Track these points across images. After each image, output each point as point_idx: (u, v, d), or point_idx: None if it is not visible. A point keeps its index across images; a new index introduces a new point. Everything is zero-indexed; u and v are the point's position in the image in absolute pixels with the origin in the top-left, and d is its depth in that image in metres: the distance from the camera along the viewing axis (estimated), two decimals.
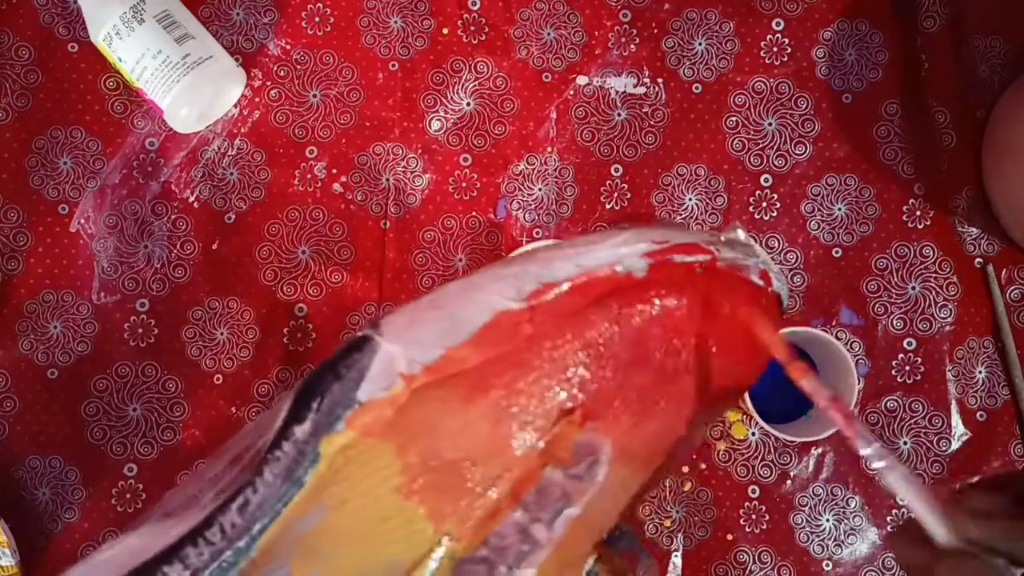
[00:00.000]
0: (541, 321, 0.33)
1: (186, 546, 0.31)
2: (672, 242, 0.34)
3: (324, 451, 0.31)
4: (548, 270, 0.33)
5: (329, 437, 0.31)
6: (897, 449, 0.59)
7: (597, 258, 0.34)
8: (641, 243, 0.34)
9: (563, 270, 0.33)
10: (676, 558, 0.58)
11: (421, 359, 0.32)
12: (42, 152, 0.59)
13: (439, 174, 0.60)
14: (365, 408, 0.31)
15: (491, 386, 0.33)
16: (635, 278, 0.34)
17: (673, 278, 0.34)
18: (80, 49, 0.59)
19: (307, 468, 0.31)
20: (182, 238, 0.59)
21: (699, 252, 0.35)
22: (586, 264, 0.33)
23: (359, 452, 0.32)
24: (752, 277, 0.36)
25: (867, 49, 0.61)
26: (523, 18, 0.60)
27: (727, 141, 0.60)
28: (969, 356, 0.60)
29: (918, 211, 0.60)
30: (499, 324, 0.32)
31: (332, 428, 0.31)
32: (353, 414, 0.31)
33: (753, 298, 0.36)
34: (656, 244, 0.34)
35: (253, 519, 0.31)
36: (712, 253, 0.35)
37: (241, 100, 0.60)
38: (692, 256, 0.34)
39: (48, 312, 0.58)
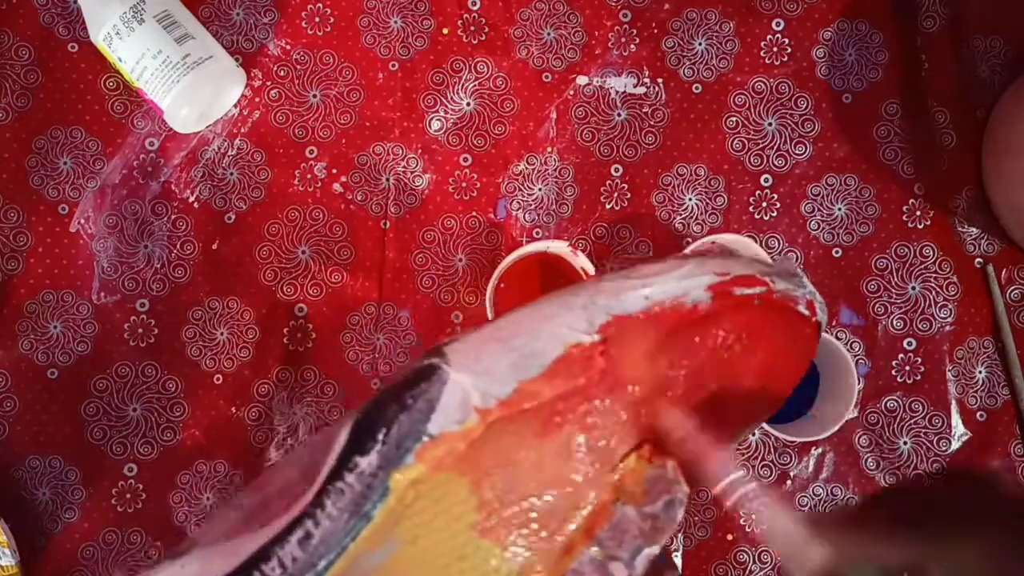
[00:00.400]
0: (613, 354, 0.33)
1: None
2: (733, 273, 0.36)
3: (394, 485, 0.30)
4: (618, 302, 0.34)
5: (399, 470, 0.30)
6: (897, 449, 0.59)
7: (665, 291, 0.34)
8: (705, 275, 0.35)
9: (633, 303, 0.34)
10: (676, 558, 0.58)
11: (495, 392, 0.31)
12: (42, 152, 0.59)
13: (439, 174, 0.60)
14: (437, 441, 0.31)
15: (565, 421, 0.32)
16: (700, 311, 0.35)
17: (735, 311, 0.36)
18: (80, 49, 0.59)
19: (376, 502, 0.30)
20: (182, 238, 0.59)
21: (757, 284, 0.36)
22: (655, 297, 0.34)
23: (431, 487, 0.31)
24: (800, 308, 0.38)
25: (867, 49, 0.61)
26: (523, 18, 0.60)
27: (727, 141, 0.60)
28: (969, 356, 0.60)
29: (918, 211, 0.60)
30: (571, 357, 0.32)
31: (401, 461, 0.30)
32: (423, 447, 0.31)
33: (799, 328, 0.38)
34: (718, 276, 0.36)
35: (318, 554, 0.30)
36: (768, 285, 0.36)
37: (241, 100, 0.60)
38: (751, 288, 0.36)
39: (48, 312, 0.58)
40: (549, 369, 0.32)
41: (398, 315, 0.59)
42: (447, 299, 0.59)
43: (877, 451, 0.59)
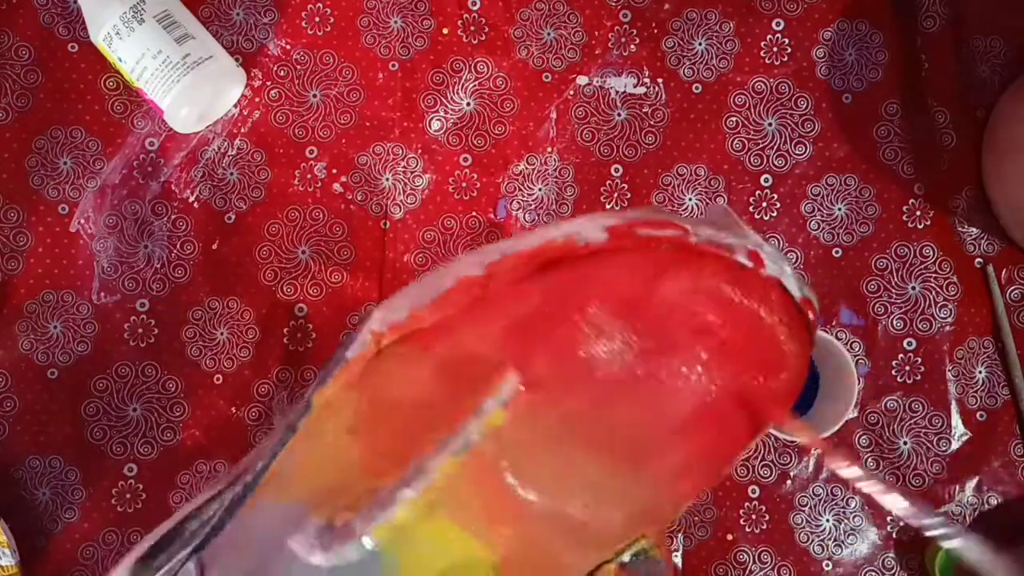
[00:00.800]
0: (494, 287, 0.34)
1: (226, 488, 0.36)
2: (642, 217, 0.33)
3: (315, 402, 0.36)
4: (514, 244, 0.35)
5: (319, 390, 0.36)
6: (897, 449, 0.59)
7: (561, 231, 0.34)
8: (610, 218, 0.34)
9: (527, 242, 0.34)
10: (676, 558, 0.58)
11: (389, 319, 0.35)
12: (42, 152, 0.59)
13: (439, 174, 0.60)
14: (348, 364, 0.35)
15: (438, 341, 0.35)
16: (592, 246, 0.33)
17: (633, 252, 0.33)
18: (80, 49, 0.59)
19: (301, 417, 0.36)
20: (182, 238, 0.59)
21: (669, 227, 0.33)
22: (549, 235, 0.34)
23: (336, 401, 0.35)
24: (737, 257, 0.32)
25: (867, 49, 0.61)
26: (523, 18, 0.60)
27: (727, 141, 0.60)
28: (969, 356, 0.60)
29: (918, 211, 0.60)
30: (459, 288, 0.34)
31: (324, 383, 0.36)
32: (339, 370, 0.35)
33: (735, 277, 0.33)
34: (625, 219, 0.33)
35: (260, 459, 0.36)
36: (684, 228, 0.33)
37: (241, 100, 0.60)
38: (660, 230, 0.33)
39: (48, 312, 0.58)
40: (438, 298, 0.34)
41: None
42: None
43: (877, 451, 0.59)
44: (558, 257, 0.34)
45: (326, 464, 0.35)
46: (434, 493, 0.32)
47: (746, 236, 0.33)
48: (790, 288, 0.33)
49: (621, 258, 0.33)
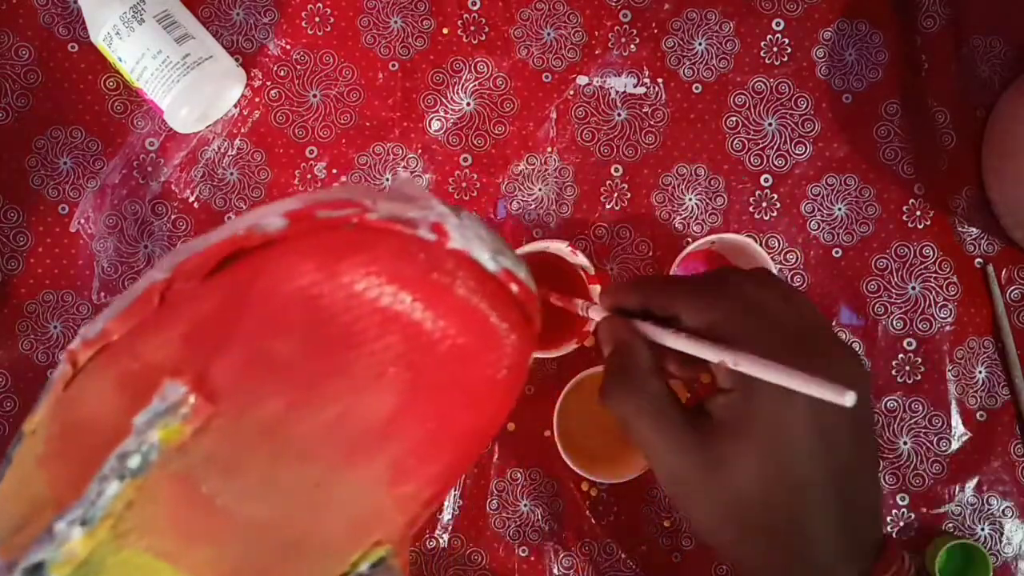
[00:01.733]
0: (175, 290, 0.32)
1: None
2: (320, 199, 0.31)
3: (25, 429, 0.33)
4: (203, 240, 0.32)
5: (30, 417, 0.33)
6: (897, 449, 0.59)
7: (244, 221, 0.31)
8: (290, 203, 0.31)
9: (214, 237, 0.32)
10: (676, 558, 0.58)
11: (86, 335, 0.32)
12: (42, 152, 0.59)
13: (439, 174, 0.60)
14: (52, 387, 0.33)
15: (122, 354, 0.32)
16: (270, 235, 0.30)
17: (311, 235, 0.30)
18: (80, 49, 0.59)
19: (14, 446, 0.33)
20: (182, 238, 0.59)
21: (347, 206, 0.30)
22: (233, 227, 0.31)
23: (39, 427, 0.33)
24: (419, 232, 0.30)
25: (867, 49, 0.61)
26: (523, 18, 0.60)
27: (727, 141, 0.60)
28: (969, 356, 0.60)
29: (918, 211, 0.60)
30: (146, 295, 0.32)
31: (36, 410, 0.33)
32: (47, 394, 0.33)
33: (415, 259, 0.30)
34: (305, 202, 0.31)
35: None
36: (362, 206, 0.30)
37: (241, 100, 0.60)
38: (339, 211, 0.30)
39: (48, 312, 0.58)
40: (127, 308, 0.32)
41: None
42: None
43: (877, 451, 0.59)
44: (237, 249, 0.31)
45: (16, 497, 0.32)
46: (115, 521, 0.29)
47: (431, 207, 0.31)
48: (481, 260, 0.31)
49: (299, 244, 0.31)
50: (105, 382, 0.32)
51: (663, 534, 0.58)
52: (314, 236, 0.31)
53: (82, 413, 0.32)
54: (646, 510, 0.58)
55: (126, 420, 0.30)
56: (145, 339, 0.32)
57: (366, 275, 0.30)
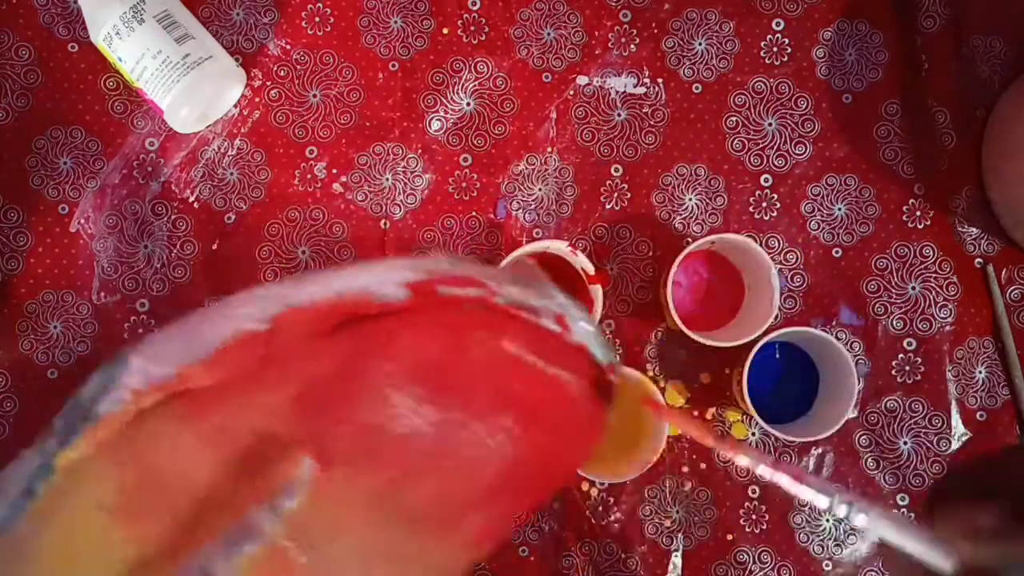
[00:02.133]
0: (280, 345, 0.31)
1: None
2: (443, 272, 0.31)
3: (58, 464, 0.31)
4: (296, 292, 0.31)
5: (64, 451, 0.31)
6: (897, 449, 0.59)
7: (355, 283, 0.31)
8: (409, 271, 0.31)
9: (314, 293, 0.31)
10: (676, 558, 0.58)
11: (154, 375, 0.31)
12: (42, 152, 0.59)
13: (439, 174, 0.60)
14: (103, 422, 0.31)
15: (216, 408, 0.31)
16: (390, 306, 0.31)
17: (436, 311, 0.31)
18: (80, 49, 0.59)
19: (39, 478, 0.31)
20: (182, 238, 0.59)
21: (472, 285, 0.31)
22: (339, 288, 0.31)
23: (86, 466, 0.31)
24: (543, 322, 0.31)
25: (867, 49, 0.61)
26: (523, 18, 0.60)
27: (727, 141, 0.60)
28: (969, 356, 0.60)
29: (918, 211, 0.60)
30: (236, 345, 0.31)
31: (68, 442, 0.31)
32: (91, 428, 0.31)
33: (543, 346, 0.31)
34: (425, 273, 0.31)
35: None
36: (487, 287, 0.31)
37: (241, 100, 0.60)
38: (463, 289, 0.31)
39: (48, 312, 0.58)
40: (212, 356, 0.31)
41: None
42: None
43: (877, 451, 0.59)
44: (353, 315, 0.31)
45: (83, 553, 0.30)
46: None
47: (552, 296, 0.32)
48: (595, 353, 0.33)
49: (422, 319, 0.31)
50: (197, 436, 0.31)
51: (663, 534, 0.58)
52: (438, 311, 0.31)
53: (164, 465, 0.31)
54: (646, 510, 0.58)
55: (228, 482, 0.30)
56: (248, 396, 0.31)
57: (489, 357, 0.31)
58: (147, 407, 0.31)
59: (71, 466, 0.31)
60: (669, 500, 0.58)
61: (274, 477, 0.30)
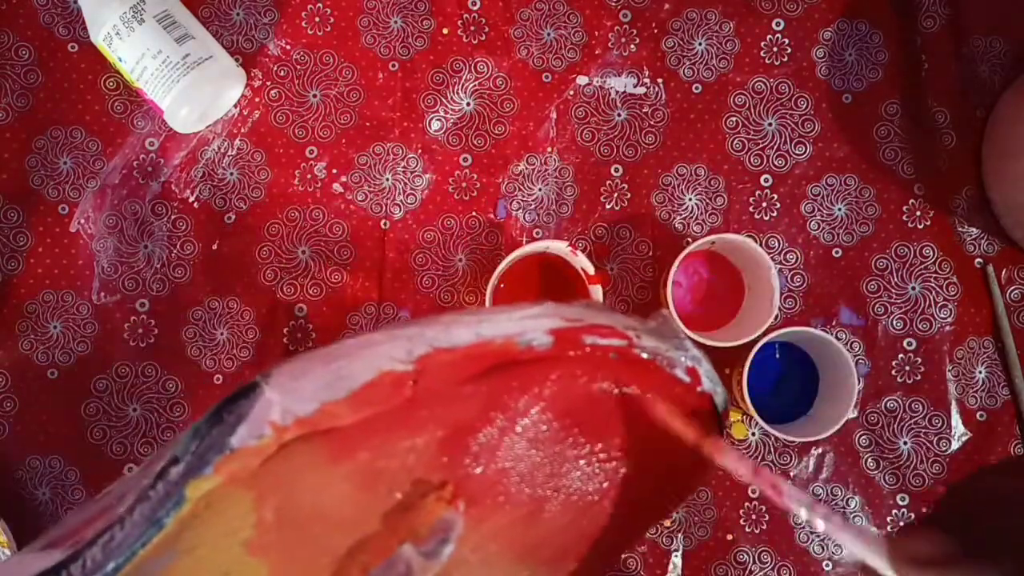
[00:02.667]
0: (425, 387, 0.31)
1: None
2: (586, 321, 0.32)
3: (190, 494, 0.30)
4: (445, 335, 0.31)
5: (196, 481, 0.30)
6: (897, 449, 0.59)
7: (499, 328, 0.31)
8: (553, 318, 0.32)
9: (460, 336, 0.31)
10: (676, 558, 0.58)
11: (296, 410, 0.30)
12: (42, 152, 0.59)
13: (439, 174, 0.60)
14: (236, 455, 0.30)
15: (361, 447, 0.31)
16: (536, 352, 0.31)
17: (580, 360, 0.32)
18: (80, 49, 0.59)
19: (170, 510, 0.30)
20: (182, 238, 0.59)
21: (614, 336, 0.32)
22: (485, 333, 0.31)
23: (221, 499, 0.30)
24: (677, 372, 0.33)
25: (867, 49, 0.61)
26: (523, 18, 0.60)
27: (727, 141, 0.60)
28: (969, 356, 0.60)
29: (918, 211, 0.60)
30: (381, 384, 0.31)
31: (201, 472, 0.30)
32: (223, 460, 0.30)
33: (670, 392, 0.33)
34: (568, 321, 0.32)
35: (111, 556, 0.30)
36: (629, 338, 0.32)
37: (241, 100, 0.60)
38: (605, 339, 0.32)
39: (48, 312, 0.58)
40: (355, 393, 0.30)
41: (398, 315, 0.59)
42: (447, 299, 0.59)
43: (877, 451, 0.59)
44: (499, 361, 0.31)
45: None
46: None
47: (686, 349, 0.34)
48: (718, 403, 0.35)
49: (566, 367, 0.32)
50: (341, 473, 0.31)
51: (663, 534, 0.58)
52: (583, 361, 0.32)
53: (305, 501, 0.31)
54: None
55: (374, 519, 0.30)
56: (396, 436, 0.31)
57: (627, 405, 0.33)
58: (287, 442, 0.30)
59: (203, 498, 0.30)
60: None
61: (428, 520, 0.31)
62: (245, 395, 0.31)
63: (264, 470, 0.30)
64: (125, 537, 0.30)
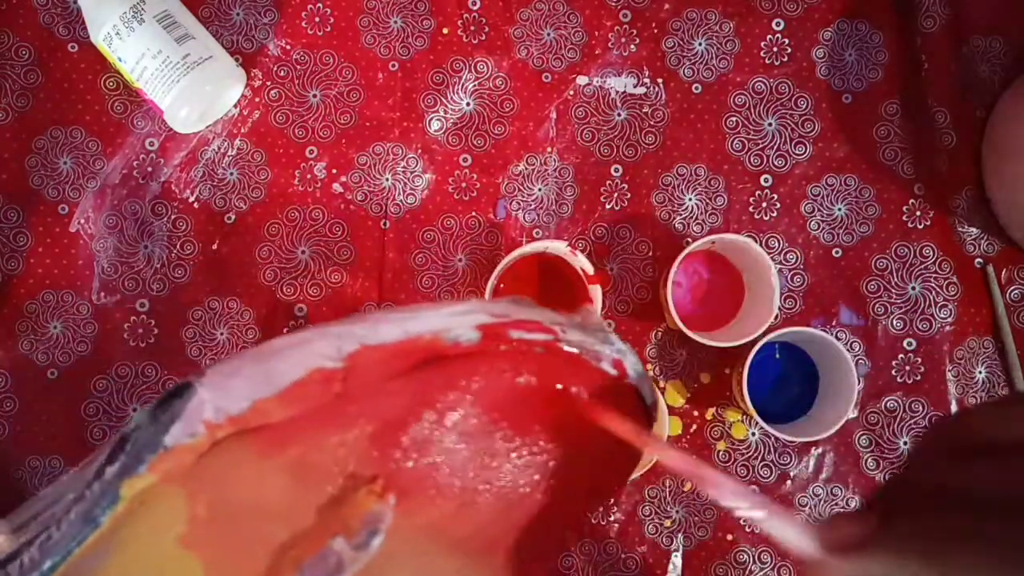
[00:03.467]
0: (354, 383, 0.32)
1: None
2: (512, 317, 0.33)
3: (124, 493, 0.31)
4: (373, 332, 0.32)
5: (130, 480, 0.31)
6: (897, 449, 0.59)
7: (427, 324, 0.32)
8: (479, 314, 0.33)
9: (388, 333, 0.32)
10: (676, 558, 0.58)
11: (227, 408, 0.31)
12: (42, 152, 0.59)
13: (439, 174, 0.60)
14: (169, 453, 0.31)
15: (292, 442, 0.32)
16: (463, 348, 0.32)
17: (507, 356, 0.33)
18: (80, 49, 0.59)
19: (105, 509, 0.30)
20: (182, 238, 0.59)
21: (540, 330, 0.33)
22: (412, 329, 0.32)
23: (155, 497, 0.31)
24: (603, 366, 0.34)
25: (867, 49, 0.61)
26: (523, 18, 0.60)
27: (727, 141, 0.60)
28: (969, 356, 0.60)
29: (918, 211, 0.60)
30: (311, 381, 0.31)
31: (135, 471, 0.31)
32: (157, 458, 0.31)
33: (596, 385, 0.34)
34: (494, 317, 0.33)
35: (47, 555, 0.30)
36: (554, 332, 0.33)
37: (241, 100, 0.60)
38: (531, 333, 0.33)
39: (48, 312, 0.58)
40: (286, 391, 0.31)
41: None
42: (447, 299, 0.59)
43: (877, 451, 0.59)
44: (426, 356, 0.32)
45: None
46: None
47: (611, 342, 0.34)
48: (644, 394, 0.36)
49: (493, 362, 0.33)
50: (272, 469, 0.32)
51: (663, 534, 0.58)
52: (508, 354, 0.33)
53: (238, 496, 0.32)
54: (646, 510, 0.58)
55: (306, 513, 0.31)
56: (326, 432, 0.32)
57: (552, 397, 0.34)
58: (220, 440, 0.31)
59: (138, 496, 0.31)
60: (669, 500, 0.58)
61: (358, 512, 0.31)
62: (179, 395, 0.32)
63: (198, 467, 0.31)
64: (62, 536, 0.31)
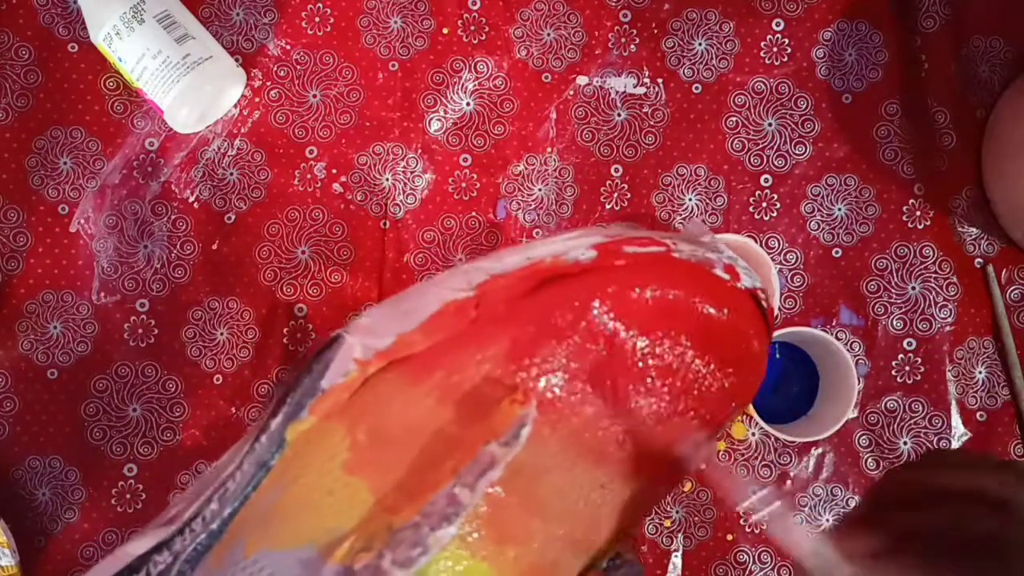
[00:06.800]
0: (486, 308, 0.34)
1: (175, 536, 0.34)
2: (625, 235, 0.35)
3: (289, 437, 0.34)
4: (499, 263, 0.35)
5: (294, 424, 0.34)
6: (897, 449, 0.59)
7: (547, 249, 0.35)
8: (595, 236, 0.35)
9: (513, 261, 0.35)
10: (676, 558, 0.58)
11: (375, 346, 0.34)
12: (42, 152, 0.59)
13: (439, 174, 0.60)
14: (326, 395, 0.34)
15: (436, 366, 0.34)
16: (582, 264, 0.34)
17: (624, 269, 0.34)
18: (80, 49, 0.59)
19: (274, 453, 0.34)
20: (182, 238, 0.59)
21: (652, 244, 0.35)
22: (535, 255, 0.35)
23: (318, 434, 0.34)
24: (717, 271, 0.35)
25: (867, 49, 0.61)
26: (523, 18, 0.60)
27: (727, 141, 0.60)
28: (969, 356, 0.60)
29: (918, 211, 0.60)
30: (447, 312, 0.34)
31: (297, 416, 0.34)
32: (315, 401, 0.34)
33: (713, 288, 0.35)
34: (607, 237, 0.35)
35: (228, 503, 0.34)
36: (666, 245, 0.35)
37: (241, 100, 0.60)
38: (645, 247, 0.35)
39: (48, 312, 0.58)
40: (426, 323, 0.34)
41: None
42: None
43: (877, 451, 0.59)
44: (549, 276, 0.34)
45: (325, 504, 0.33)
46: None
47: (720, 250, 0.36)
48: (759, 298, 0.37)
49: (613, 275, 0.35)
50: (421, 392, 0.34)
51: (663, 534, 0.58)
52: (625, 269, 0.34)
53: (392, 422, 0.34)
54: None
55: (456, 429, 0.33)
56: (464, 354, 0.34)
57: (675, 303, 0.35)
58: (370, 376, 0.34)
59: (300, 437, 0.34)
60: (669, 500, 0.58)
61: (505, 419, 0.33)
62: (329, 346, 0.35)
63: (352, 402, 0.34)
64: (237, 485, 0.34)
